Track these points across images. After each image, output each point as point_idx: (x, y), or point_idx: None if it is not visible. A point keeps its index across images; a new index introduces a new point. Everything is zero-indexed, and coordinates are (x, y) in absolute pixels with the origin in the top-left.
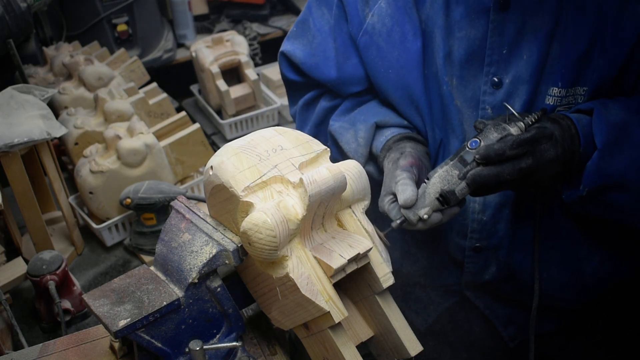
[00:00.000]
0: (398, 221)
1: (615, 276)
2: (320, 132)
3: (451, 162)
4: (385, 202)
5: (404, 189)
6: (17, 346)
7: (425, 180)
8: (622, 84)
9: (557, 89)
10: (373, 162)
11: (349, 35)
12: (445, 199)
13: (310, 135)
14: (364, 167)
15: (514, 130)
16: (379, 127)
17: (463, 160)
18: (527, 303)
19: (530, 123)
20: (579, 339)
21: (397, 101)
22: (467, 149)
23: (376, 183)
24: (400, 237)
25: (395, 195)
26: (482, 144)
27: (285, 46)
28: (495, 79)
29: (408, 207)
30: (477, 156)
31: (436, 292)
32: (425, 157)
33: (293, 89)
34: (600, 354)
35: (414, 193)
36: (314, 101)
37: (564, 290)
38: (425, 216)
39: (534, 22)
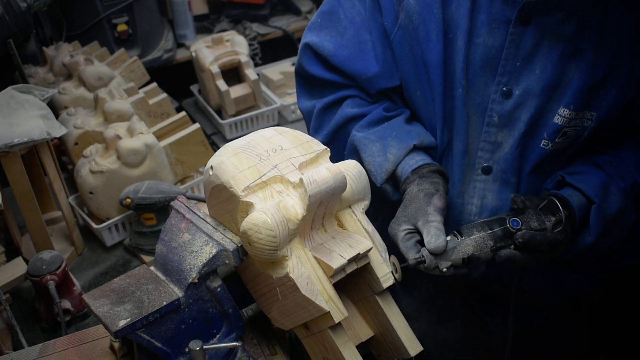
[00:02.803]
0: (414, 261)
1: (595, 284)
2: (337, 137)
3: (490, 231)
4: (400, 231)
5: (438, 235)
6: (17, 346)
7: (456, 234)
8: (629, 112)
9: (568, 110)
10: (392, 180)
11: (383, 28)
12: (470, 261)
13: (325, 139)
14: (382, 184)
15: (549, 224)
16: (414, 148)
17: (500, 233)
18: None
19: (562, 220)
20: (563, 328)
21: (421, 98)
22: (508, 225)
23: (379, 199)
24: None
25: (415, 228)
26: (524, 228)
27: (309, 38)
28: (505, 89)
29: (435, 254)
30: (519, 240)
31: (423, 281)
32: (446, 207)
33: (310, 84)
34: (583, 345)
35: (445, 244)
36: (334, 105)
37: (546, 294)
38: (445, 270)
39: (551, 41)
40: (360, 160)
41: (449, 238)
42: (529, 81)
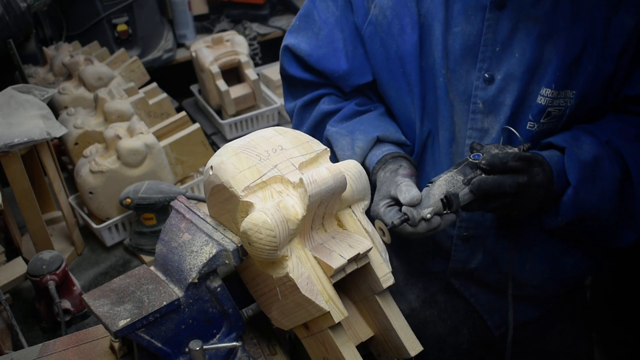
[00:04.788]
0: (399, 220)
1: (595, 268)
2: (316, 134)
3: (455, 170)
4: (380, 206)
5: (409, 189)
6: (17, 346)
7: (429, 184)
8: (609, 91)
9: (549, 90)
10: None
11: (355, 26)
12: (448, 201)
13: None
14: None
15: (510, 151)
16: (378, 140)
17: (467, 168)
18: (511, 292)
19: (524, 150)
20: (560, 324)
21: (394, 92)
22: (470, 159)
23: None
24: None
25: (392, 199)
26: (485, 156)
27: (288, 40)
28: (487, 75)
29: (412, 205)
30: (482, 162)
31: (421, 278)
32: (416, 175)
33: (292, 85)
34: (579, 339)
35: (419, 193)
36: (313, 103)
37: (545, 280)
38: (429, 216)
39: (527, 23)
40: (334, 154)
41: (422, 192)
42: (510, 65)
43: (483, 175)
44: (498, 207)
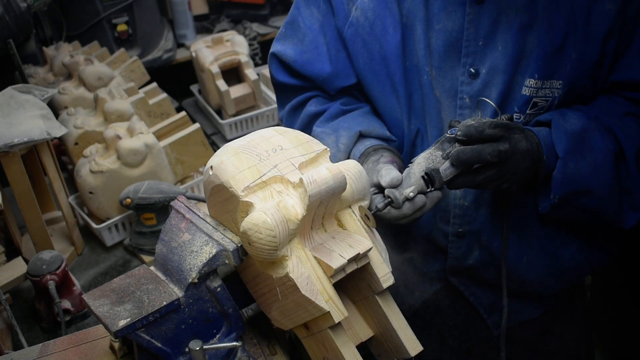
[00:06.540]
0: (383, 204)
1: (593, 263)
2: None
3: (434, 147)
4: None
5: (389, 172)
6: (17, 346)
7: (409, 165)
8: (598, 79)
9: (533, 80)
10: None
11: (337, 29)
12: (430, 177)
13: None
14: None
15: (487, 120)
16: (362, 136)
17: (446, 143)
18: (510, 289)
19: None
20: (560, 324)
21: (379, 92)
22: (447, 135)
23: None
24: (386, 225)
25: (377, 187)
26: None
27: (275, 47)
28: (472, 70)
29: (394, 186)
30: (458, 133)
31: (421, 278)
32: (401, 164)
33: (282, 91)
34: (579, 339)
35: (399, 174)
36: (300, 106)
37: (543, 275)
38: (412, 194)
39: (508, 15)
40: None
41: (403, 173)
42: (494, 58)
43: (462, 146)
44: (485, 180)
